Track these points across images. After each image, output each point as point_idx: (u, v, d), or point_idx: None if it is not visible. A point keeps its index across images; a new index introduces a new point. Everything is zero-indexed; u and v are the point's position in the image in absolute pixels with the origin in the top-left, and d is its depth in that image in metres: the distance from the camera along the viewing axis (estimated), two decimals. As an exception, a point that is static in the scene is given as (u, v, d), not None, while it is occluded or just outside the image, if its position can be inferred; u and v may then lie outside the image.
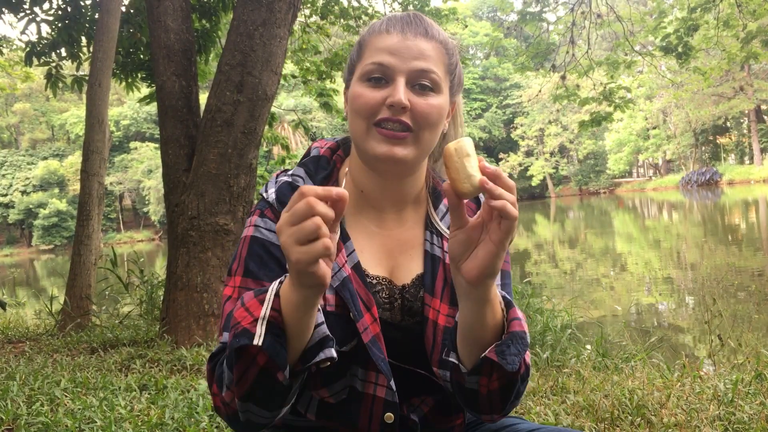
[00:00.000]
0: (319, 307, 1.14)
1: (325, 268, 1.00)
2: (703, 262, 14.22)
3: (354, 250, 1.33)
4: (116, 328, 6.26)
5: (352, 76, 1.36)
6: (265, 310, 1.08)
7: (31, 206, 58.62)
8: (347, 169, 1.41)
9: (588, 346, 5.23)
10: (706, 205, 36.06)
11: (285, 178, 1.38)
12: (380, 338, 1.28)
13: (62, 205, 57.09)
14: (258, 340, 1.06)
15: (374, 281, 1.35)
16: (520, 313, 1.26)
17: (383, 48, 1.29)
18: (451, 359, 1.25)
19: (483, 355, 1.19)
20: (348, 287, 1.28)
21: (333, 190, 0.98)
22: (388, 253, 1.40)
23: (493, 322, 1.21)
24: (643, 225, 27.51)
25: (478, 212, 1.15)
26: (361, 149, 1.32)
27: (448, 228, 1.39)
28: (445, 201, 1.44)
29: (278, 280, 1.12)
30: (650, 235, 22.37)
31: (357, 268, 1.32)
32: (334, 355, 1.13)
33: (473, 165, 1.09)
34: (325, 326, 1.14)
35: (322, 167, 1.41)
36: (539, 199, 68.95)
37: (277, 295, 1.09)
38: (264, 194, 1.37)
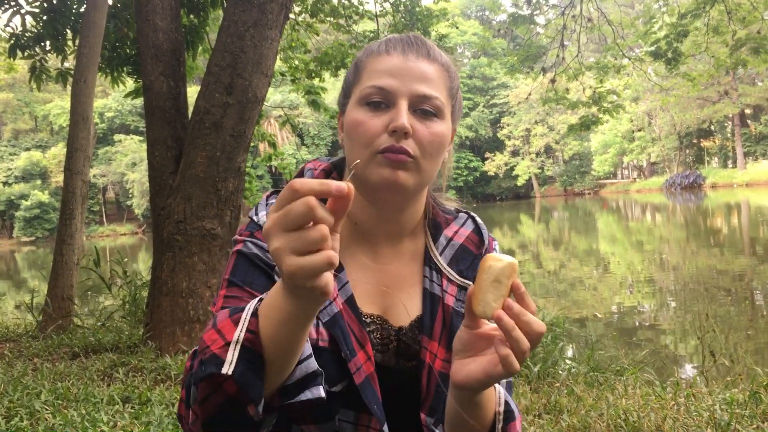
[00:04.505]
0: (308, 339, 1.00)
1: (327, 279, 0.84)
2: (686, 264, 14.30)
3: (348, 281, 1.23)
4: (98, 332, 6.14)
5: (348, 100, 1.27)
6: (239, 333, 0.94)
7: (12, 197, 57.91)
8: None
9: (570, 353, 5.19)
10: (690, 208, 36.28)
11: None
12: (374, 378, 1.19)
13: (44, 197, 56.45)
14: (228, 368, 0.91)
15: (368, 319, 1.26)
16: (518, 426, 1.23)
17: (383, 70, 1.20)
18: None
19: None
20: (339, 323, 1.18)
21: (332, 185, 0.81)
22: (384, 289, 1.31)
23: (481, 423, 1.18)
24: (627, 227, 27.62)
25: (494, 326, 1.08)
26: (360, 177, 1.22)
27: (449, 264, 1.33)
28: (445, 233, 1.37)
29: (257, 299, 0.99)
30: (633, 237, 22.48)
31: (350, 301, 1.23)
32: (323, 394, 1.00)
33: (498, 293, 1.03)
34: (313, 360, 1.01)
35: None
36: (524, 199, 69.16)
37: (255, 315, 0.95)
38: (254, 217, 1.26)
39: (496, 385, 1.22)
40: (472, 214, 1.44)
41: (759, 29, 12.05)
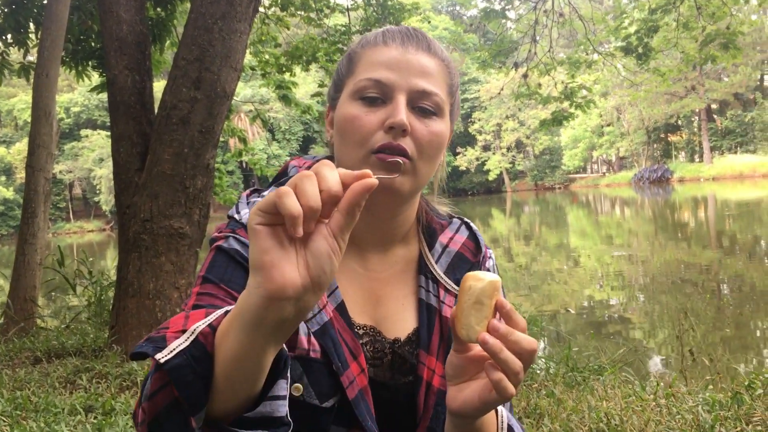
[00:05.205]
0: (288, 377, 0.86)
1: (274, 263, 0.72)
2: (654, 258, 14.44)
3: (338, 287, 1.14)
4: (62, 334, 5.93)
5: (339, 94, 1.17)
6: (203, 323, 0.81)
7: (-25, 194, 56.66)
8: None
9: (542, 345, 5.13)
10: (658, 202, 36.75)
11: (259, 199, 1.15)
12: (368, 392, 1.10)
13: (9, 194, 55.25)
14: (165, 355, 0.77)
15: (360, 331, 1.16)
16: None
17: (381, 62, 1.11)
18: None
19: None
20: (329, 333, 1.08)
21: (356, 173, 0.77)
22: (375, 299, 1.21)
23: None
24: (597, 221, 27.87)
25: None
26: None
27: (445, 273, 1.23)
28: (440, 239, 1.27)
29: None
30: (603, 231, 22.69)
31: (341, 309, 1.13)
32: None
33: (481, 315, 0.95)
34: (285, 406, 0.84)
35: None
36: (496, 193, 69.51)
37: (226, 313, 0.82)
38: (235, 215, 1.16)
39: (499, 407, 1.12)
40: (466, 219, 1.35)
41: (728, 25, 12.14)
